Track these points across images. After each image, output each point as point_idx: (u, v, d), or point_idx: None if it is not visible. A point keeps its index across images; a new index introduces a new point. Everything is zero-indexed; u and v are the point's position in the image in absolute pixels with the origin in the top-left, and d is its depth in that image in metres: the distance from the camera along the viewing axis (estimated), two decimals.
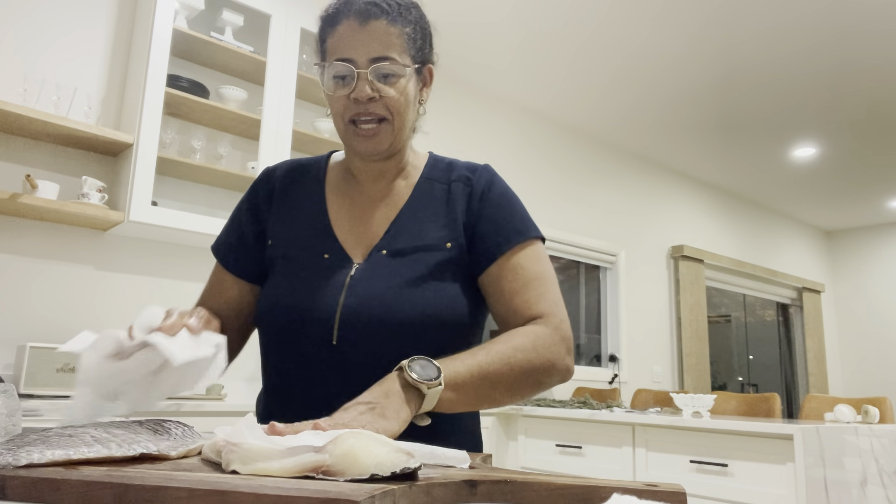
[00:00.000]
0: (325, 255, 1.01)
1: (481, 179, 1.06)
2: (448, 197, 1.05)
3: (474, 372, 0.86)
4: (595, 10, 3.45)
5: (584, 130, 5.03)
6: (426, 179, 1.07)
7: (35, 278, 2.64)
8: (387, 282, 0.96)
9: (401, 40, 0.96)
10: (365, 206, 1.06)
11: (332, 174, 1.11)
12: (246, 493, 0.43)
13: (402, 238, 1.01)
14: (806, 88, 4.25)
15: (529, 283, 0.99)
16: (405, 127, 1.00)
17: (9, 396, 0.62)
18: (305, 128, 3.28)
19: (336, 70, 0.96)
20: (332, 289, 0.98)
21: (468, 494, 0.53)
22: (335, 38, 0.97)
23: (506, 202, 1.05)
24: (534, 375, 0.93)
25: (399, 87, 0.96)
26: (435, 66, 1.06)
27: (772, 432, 2.31)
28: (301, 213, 1.07)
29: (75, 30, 2.81)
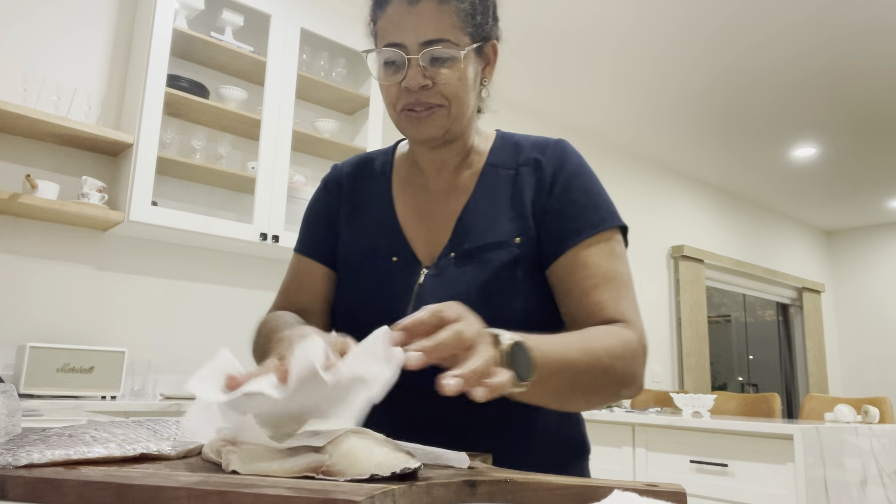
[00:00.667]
0: (393, 258, 0.96)
1: (552, 160, 0.96)
2: (516, 183, 0.95)
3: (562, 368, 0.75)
4: (595, 10, 3.45)
5: (583, 130, 5.03)
6: (491, 166, 0.98)
7: (35, 278, 2.64)
8: (454, 292, 0.88)
9: (455, 18, 0.87)
10: (431, 201, 0.99)
11: (399, 166, 1.04)
12: (246, 493, 0.43)
13: (470, 237, 0.93)
14: (806, 88, 4.25)
15: (604, 283, 0.88)
16: (464, 113, 0.91)
17: (9, 397, 0.62)
18: (305, 128, 3.28)
19: (386, 56, 0.89)
20: (400, 296, 0.92)
21: (468, 494, 0.53)
22: (384, 21, 0.89)
23: (578, 186, 0.94)
24: (615, 385, 0.83)
25: (455, 72, 0.87)
26: (500, 41, 0.96)
27: (772, 432, 2.31)
28: (369, 211, 1.01)
29: (75, 30, 2.81)
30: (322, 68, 3.40)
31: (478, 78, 0.93)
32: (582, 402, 0.82)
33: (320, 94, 3.35)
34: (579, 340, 0.79)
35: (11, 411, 0.61)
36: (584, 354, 0.78)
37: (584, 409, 0.85)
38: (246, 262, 3.19)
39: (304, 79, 3.18)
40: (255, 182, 2.95)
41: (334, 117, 3.53)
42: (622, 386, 0.83)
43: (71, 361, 2.37)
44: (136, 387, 2.71)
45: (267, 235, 2.91)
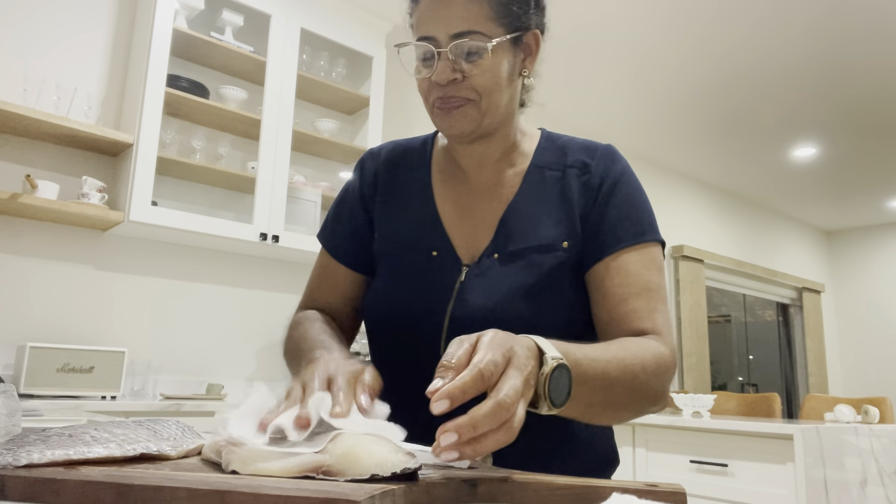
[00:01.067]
0: (433, 253, 0.93)
1: (600, 165, 0.93)
2: (563, 186, 0.93)
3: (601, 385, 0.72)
4: (595, 10, 3.45)
5: (583, 131, 5.03)
6: (537, 167, 0.95)
7: (35, 278, 2.64)
8: (498, 292, 0.87)
9: (487, 9, 0.84)
10: (472, 198, 0.95)
11: (437, 158, 1.01)
12: (246, 493, 0.43)
13: (514, 238, 0.91)
14: (806, 89, 4.25)
15: (640, 292, 0.86)
16: (496, 107, 0.88)
17: (9, 397, 0.62)
18: (305, 128, 3.28)
19: (418, 50, 0.88)
20: (440, 294, 0.89)
21: (468, 494, 0.53)
22: (418, 14, 0.88)
23: (626, 195, 0.92)
24: (645, 401, 0.80)
25: (485, 65, 0.85)
26: (545, 30, 0.93)
27: (772, 432, 2.31)
28: (408, 202, 0.98)
29: (75, 30, 2.81)
30: (322, 68, 3.40)
31: (516, 70, 0.90)
32: (611, 416, 0.80)
33: (320, 94, 3.35)
34: (619, 356, 0.76)
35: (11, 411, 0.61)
36: (622, 372, 0.75)
37: (611, 423, 0.84)
38: (246, 262, 3.19)
39: (304, 79, 3.18)
40: (255, 182, 2.95)
41: (334, 117, 3.53)
42: (652, 402, 0.82)
43: (71, 361, 2.37)
44: (136, 387, 2.71)
45: (267, 235, 2.91)
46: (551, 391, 0.62)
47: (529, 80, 0.94)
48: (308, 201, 3.19)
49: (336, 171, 3.54)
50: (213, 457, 0.58)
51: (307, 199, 3.21)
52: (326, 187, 3.33)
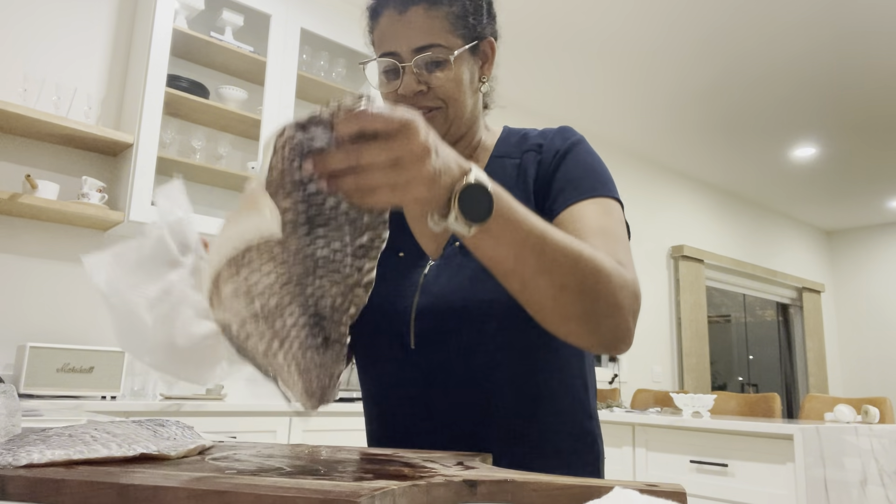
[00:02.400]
0: (399, 254, 0.96)
1: (554, 141, 0.96)
2: (520, 170, 0.95)
3: (533, 228, 0.67)
4: (595, 11, 3.45)
5: (583, 131, 5.03)
6: (496, 158, 0.98)
7: (35, 278, 2.64)
8: (458, 276, 0.90)
9: (446, 22, 0.89)
10: None
11: None
12: (246, 493, 0.43)
13: None
14: (806, 88, 4.25)
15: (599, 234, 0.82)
16: (462, 112, 0.92)
17: (9, 397, 0.62)
18: None
19: (382, 65, 0.91)
20: (406, 290, 0.92)
21: (468, 494, 0.53)
22: (378, 33, 0.92)
23: (579, 159, 0.93)
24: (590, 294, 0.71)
25: (448, 74, 0.89)
26: (498, 37, 0.97)
27: (772, 432, 2.31)
28: None
29: (75, 30, 2.81)
30: (322, 68, 3.40)
31: (475, 77, 0.94)
32: (549, 290, 0.70)
33: (320, 94, 3.35)
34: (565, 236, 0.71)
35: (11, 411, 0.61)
36: (563, 244, 0.69)
37: (551, 302, 0.71)
38: None
39: (304, 79, 3.18)
40: None
41: None
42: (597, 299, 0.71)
43: (71, 361, 2.37)
44: (136, 387, 2.71)
45: None
46: (462, 202, 0.60)
47: (488, 85, 0.97)
48: None
49: None
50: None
51: None
52: None
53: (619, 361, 4.92)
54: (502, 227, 0.64)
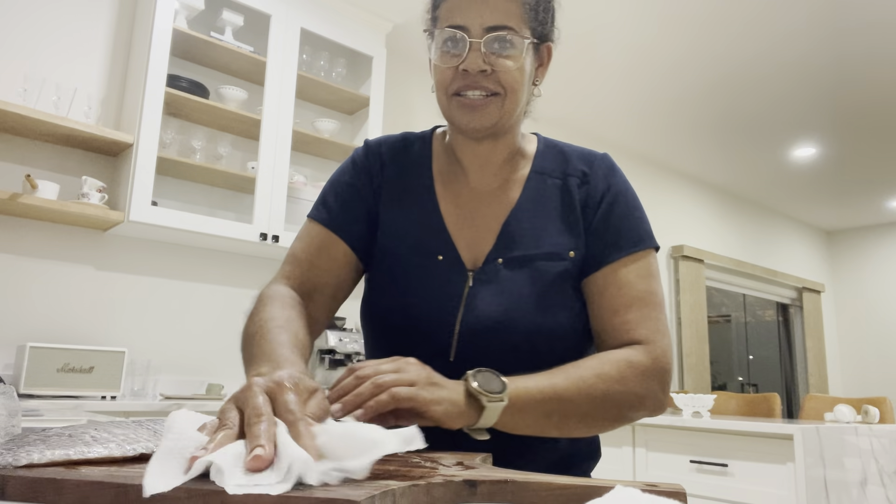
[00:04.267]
0: (439, 257, 0.93)
1: (598, 174, 0.96)
2: (564, 194, 0.95)
3: (546, 394, 0.78)
4: (595, 11, 3.45)
5: (583, 131, 5.03)
6: (538, 173, 0.97)
7: (35, 278, 2.64)
8: (506, 300, 0.89)
9: (522, 10, 0.87)
10: (474, 201, 0.96)
11: (437, 158, 1.00)
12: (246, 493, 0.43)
13: (519, 244, 0.92)
14: (806, 88, 4.25)
15: (633, 303, 0.89)
16: (517, 105, 0.90)
17: (9, 398, 0.62)
18: (305, 128, 3.28)
19: (447, 36, 0.87)
20: (449, 300, 0.91)
21: (468, 494, 0.53)
22: (449, 3, 0.87)
23: (623, 204, 0.95)
24: (615, 408, 0.83)
25: (515, 61, 0.86)
26: (556, 44, 0.95)
27: (772, 432, 2.31)
28: (411, 203, 0.97)
29: (75, 30, 2.81)
30: (322, 68, 3.40)
31: (532, 75, 0.92)
32: (582, 427, 0.83)
33: (320, 94, 3.36)
34: (567, 371, 0.82)
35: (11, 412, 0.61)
36: (570, 383, 0.80)
37: (588, 433, 0.86)
38: (246, 262, 3.19)
39: (304, 79, 3.18)
40: (255, 182, 2.95)
41: (334, 117, 3.53)
42: (626, 408, 0.84)
43: (71, 361, 2.37)
44: (136, 387, 2.71)
45: (267, 235, 2.91)
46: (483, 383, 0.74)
47: (538, 90, 0.96)
48: (308, 201, 3.20)
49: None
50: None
51: (307, 199, 3.21)
52: None
53: None
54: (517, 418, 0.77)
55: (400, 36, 3.67)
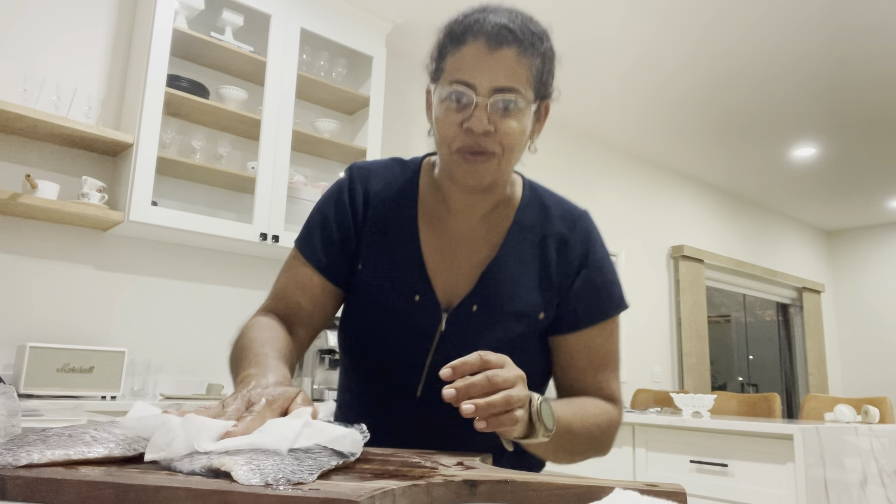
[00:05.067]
0: (416, 297, 0.96)
1: (577, 238, 1.01)
2: (541, 253, 0.99)
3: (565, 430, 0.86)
4: (595, 11, 3.45)
5: (584, 130, 5.03)
6: (519, 227, 1.00)
7: (35, 278, 2.64)
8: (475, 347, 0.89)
9: (528, 73, 0.89)
10: (455, 244, 0.99)
11: (424, 192, 1.02)
12: (246, 493, 0.43)
13: (494, 296, 0.96)
14: (806, 88, 4.25)
15: (602, 365, 0.99)
16: (512, 164, 0.94)
17: (9, 398, 0.62)
18: (305, 128, 3.28)
19: (453, 92, 0.88)
20: (421, 340, 0.95)
21: (468, 494, 0.53)
22: (458, 59, 0.88)
23: (598, 274, 1.01)
24: (593, 452, 0.96)
25: (518, 122, 0.89)
26: (553, 100, 0.98)
27: (772, 432, 2.31)
28: (393, 239, 1.00)
29: (75, 30, 2.81)
30: (322, 68, 3.40)
31: (530, 133, 0.95)
32: (567, 459, 0.94)
33: (320, 94, 3.35)
34: (582, 414, 0.91)
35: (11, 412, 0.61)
36: (583, 426, 0.91)
37: (564, 464, 0.96)
38: (246, 262, 3.19)
39: (304, 79, 3.18)
40: (255, 182, 2.95)
41: (334, 117, 3.53)
42: (598, 453, 0.97)
43: (71, 361, 2.37)
44: (136, 387, 2.71)
45: (267, 235, 2.91)
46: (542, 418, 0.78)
47: (534, 146, 0.98)
48: (308, 201, 3.20)
49: (336, 170, 3.54)
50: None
51: (307, 199, 3.21)
52: (326, 187, 3.32)
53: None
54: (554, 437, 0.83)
55: (400, 36, 3.67)
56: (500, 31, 0.86)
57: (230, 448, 0.54)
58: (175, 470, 0.51)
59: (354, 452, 0.60)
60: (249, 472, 0.47)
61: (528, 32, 0.89)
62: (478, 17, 0.88)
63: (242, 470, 0.48)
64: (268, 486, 0.45)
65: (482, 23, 0.87)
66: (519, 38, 0.87)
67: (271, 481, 0.46)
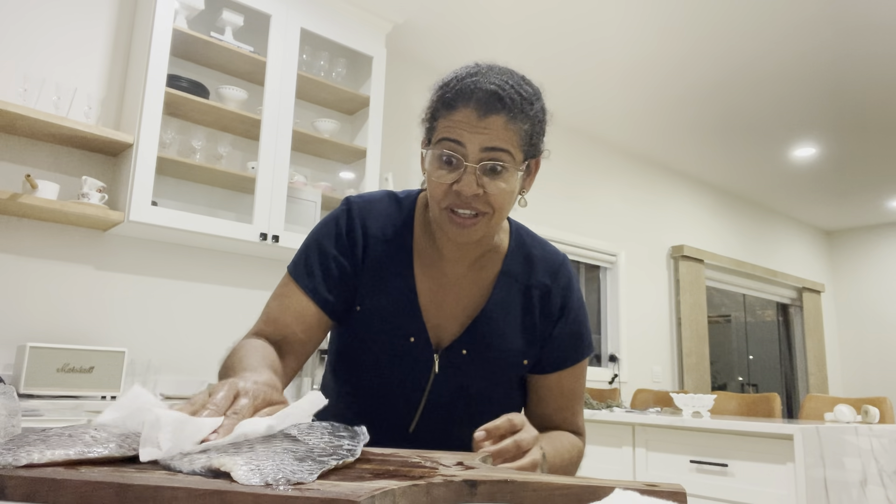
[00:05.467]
0: (411, 339, 1.02)
1: (558, 289, 1.08)
2: (525, 301, 1.07)
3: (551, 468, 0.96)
4: (595, 9, 3.45)
5: (584, 130, 5.03)
6: (506, 276, 1.06)
7: (35, 278, 2.64)
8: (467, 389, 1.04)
9: (517, 137, 0.92)
10: (448, 289, 1.05)
11: (418, 239, 1.06)
12: (246, 493, 0.43)
13: (483, 342, 1.04)
14: (806, 88, 4.25)
15: (572, 401, 1.11)
16: (503, 220, 0.99)
17: (9, 398, 0.62)
18: (305, 128, 3.28)
19: (443, 154, 0.92)
20: (417, 379, 1.02)
21: (468, 494, 0.53)
22: (449, 122, 0.92)
23: (578, 322, 1.10)
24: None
25: (505, 183, 0.92)
26: (544, 156, 1.02)
27: (772, 432, 2.31)
28: (390, 282, 1.03)
29: (75, 30, 2.81)
30: (322, 68, 3.40)
31: (518, 189, 0.98)
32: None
33: (320, 94, 3.35)
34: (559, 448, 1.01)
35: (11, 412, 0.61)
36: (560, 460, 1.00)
37: None
38: (246, 262, 3.19)
39: (304, 79, 3.18)
40: (255, 182, 2.95)
41: (334, 117, 3.53)
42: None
43: (71, 361, 2.37)
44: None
45: (267, 235, 2.91)
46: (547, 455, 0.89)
47: (524, 199, 1.02)
48: (308, 201, 3.19)
49: (336, 171, 3.54)
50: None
51: (307, 199, 3.21)
52: (326, 187, 3.33)
53: (619, 362, 4.92)
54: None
55: (400, 36, 3.67)
56: (490, 99, 0.90)
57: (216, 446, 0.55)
58: (175, 470, 0.51)
59: (354, 452, 0.60)
60: (249, 472, 0.47)
61: (518, 98, 0.92)
62: (469, 83, 0.92)
63: (242, 470, 0.48)
64: (267, 487, 0.45)
65: (473, 89, 0.91)
66: (508, 105, 0.90)
67: (271, 481, 0.46)
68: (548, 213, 4.70)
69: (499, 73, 0.94)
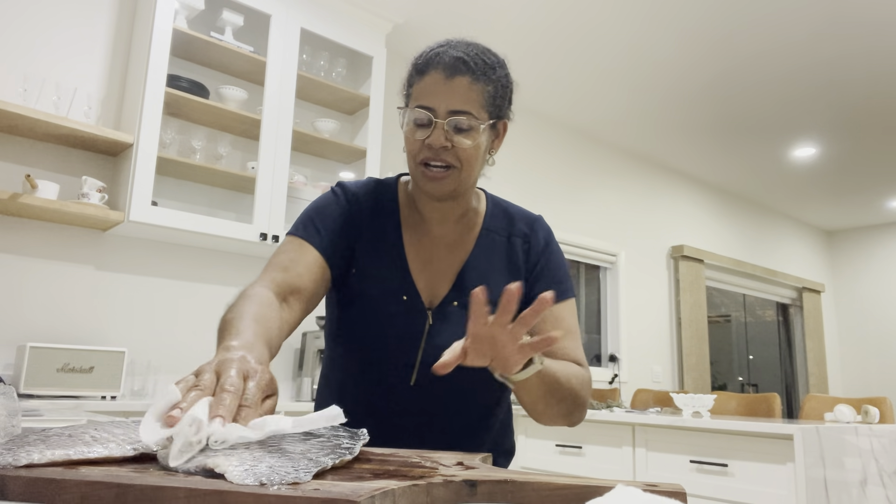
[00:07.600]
0: (403, 297, 1.10)
1: (538, 237, 1.18)
2: (509, 251, 1.17)
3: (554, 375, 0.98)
4: (595, 9, 3.45)
5: (584, 130, 5.03)
6: (487, 231, 1.17)
7: (35, 278, 2.64)
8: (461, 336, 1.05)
9: (481, 97, 1.03)
10: (433, 249, 1.14)
11: (403, 206, 1.17)
12: (246, 493, 0.43)
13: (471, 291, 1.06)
14: (806, 88, 4.25)
15: (569, 333, 1.13)
16: (471, 176, 1.08)
17: (9, 398, 0.62)
18: (305, 128, 3.28)
19: (416, 115, 1.04)
20: (411, 336, 1.09)
21: (468, 494, 0.53)
22: (420, 87, 1.05)
23: (558, 263, 1.19)
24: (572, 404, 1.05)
25: (471, 140, 1.03)
26: (511, 121, 1.13)
27: (772, 432, 2.31)
28: (382, 247, 1.13)
29: (75, 30, 2.81)
30: (322, 68, 3.40)
31: (487, 148, 1.10)
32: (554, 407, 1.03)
33: (320, 94, 3.35)
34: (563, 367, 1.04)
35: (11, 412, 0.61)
36: (565, 375, 1.02)
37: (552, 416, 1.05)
38: (246, 262, 3.19)
39: (304, 79, 3.18)
40: (255, 182, 2.95)
41: (334, 117, 3.53)
42: (575, 407, 1.06)
43: (71, 361, 2.37)
44: (136, 387, 2.71)
45: (267, 235, 2.91)
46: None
47: (493, 159, 1.14)
48: (308, 201, 3.19)
49: (336, 170, 3.54)
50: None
51: (307, 199, 3.21)
52: (326, 187, 3.33)
53: (619, 362, 4.92)
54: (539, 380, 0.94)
55: (400, 36, 3.67)
56: (455, 63, 1.02)
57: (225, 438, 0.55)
58: (174, 469, 0.51)
59: (353, 450, 0.60)
60: (243, 472, 0.47)
61: (482, 63, 1.04)
62: (438, 51, 1.05)
63: (236, 471, 0.48)
64: (263, 487, 0.45)
65: (441, 56, 1.04)
66: (472, 68, 1.03)
67: (265, 482, 0.46)
68: (548, 213, 4.70)
69: (465, 44, 1.06)
